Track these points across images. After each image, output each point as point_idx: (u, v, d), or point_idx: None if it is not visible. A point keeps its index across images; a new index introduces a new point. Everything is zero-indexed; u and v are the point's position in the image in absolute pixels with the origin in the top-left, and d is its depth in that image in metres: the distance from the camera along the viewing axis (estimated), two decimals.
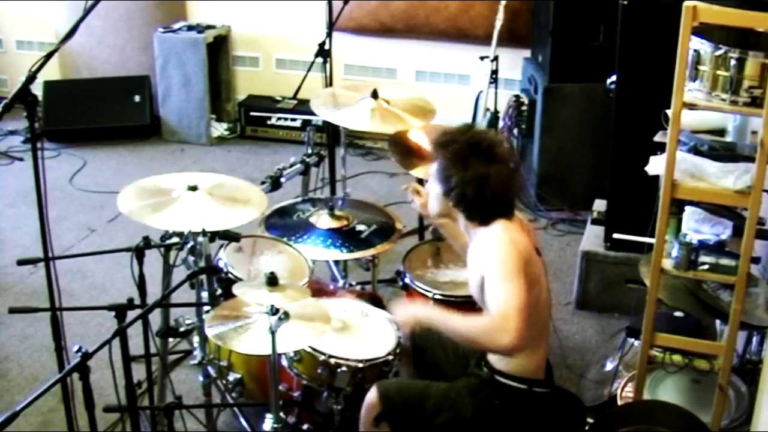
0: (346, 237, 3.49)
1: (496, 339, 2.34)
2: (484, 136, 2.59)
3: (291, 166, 3.75)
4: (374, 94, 3.63)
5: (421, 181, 3.76)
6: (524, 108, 5.24)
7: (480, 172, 2.50)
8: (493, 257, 2.47)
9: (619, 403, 3.17)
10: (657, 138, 2.97)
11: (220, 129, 6.34)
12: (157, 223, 2.77)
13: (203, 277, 2.92)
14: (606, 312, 4.10)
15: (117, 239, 4.69)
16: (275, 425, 2.66)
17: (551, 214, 5.06)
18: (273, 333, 2.45)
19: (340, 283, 3.74)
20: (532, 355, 2.61)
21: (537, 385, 2.63)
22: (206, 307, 2.95)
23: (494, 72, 4.98)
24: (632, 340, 3.26)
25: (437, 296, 3.23)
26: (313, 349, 2.79)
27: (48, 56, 2.36)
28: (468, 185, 2.51)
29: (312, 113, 3.72)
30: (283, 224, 3.56)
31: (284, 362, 2.88)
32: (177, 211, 2.80)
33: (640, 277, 2.99)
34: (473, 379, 2.67)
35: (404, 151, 3.70)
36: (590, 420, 3.04)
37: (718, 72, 2.55)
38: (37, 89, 4.23)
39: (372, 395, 2.67)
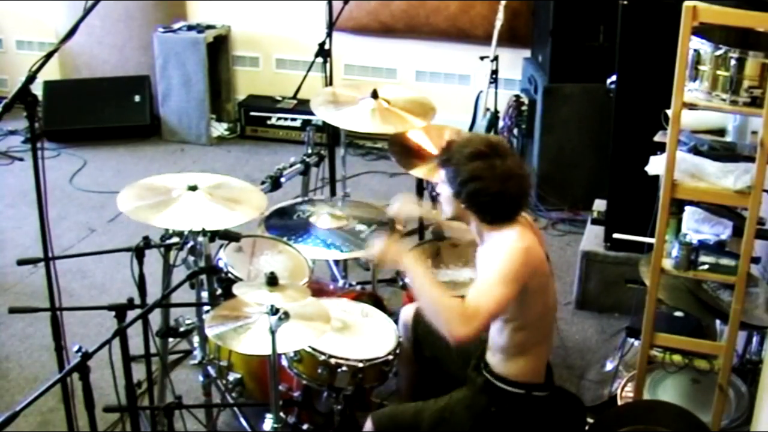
0: (346, 237, 3.49)
1: (454, 325, 2.34)
2: (488, 139, 2.61)
3: (291, 166, 3.75)
4: (374, 94, 3.63)
5: (421, 181, 3.77)
6: (524, 108, 5.24)
7: (485, 169, 2.50)
8: (499, 257, 2.47)
9: (619, 403, 3.17)
10: (657, 138, 2.97)
11: (220, 129, 6.34)
12: (158, 222, 2.77)
13: (203, 277, 2.92)
14: (606, 312, 4.10)
15: (117, 239, 4.69)
16: (275, 425, 2.66)
17: (551, 214, 5.06)
18: (273, 333, 2.45)
19: (340, 283, 3.74)
20: (534, 360, 2.61)
21: (536, 389, 2.62)
22: (206, 307, 2.95)
23: (494, 72, 4.98)
24: (632, 340, 3.26)
25: None
26: (313, 349, 2.79)
27: (48, 56, 2.36)
28: (475, 182, 2.50)
29: (312, 113, 3.72)
30: (283, 224, 3.56)
31: (284, 362, 2.88)
32: (177, 211, 2.80)
33: (640, 277, 2.98)
34: (466, 391, 2.66)
35: (404, 151, 3.70)
36: (590, 420, 3.04)
37: (718, 72, 2.55)
38: (37, 89, 4.22)
39: (367, 428, 2.67)
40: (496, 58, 4.97)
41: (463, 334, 2.33)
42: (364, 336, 2.96)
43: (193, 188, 2.88)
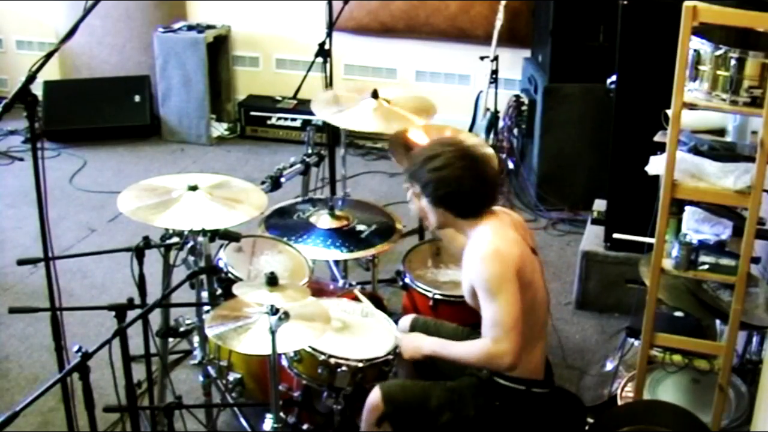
0: (346, 237, 3.49)
1: (495, 363, 2.53)
2: (445, 139, 2.69)
3: (291, 166, 3.75)
4: (374, 94, 3.63)
5: None
6: (524, 108, 5.24)
7: (442, 161, 2.59)
8: (479, 273, 2.53)
9: (619, 403, 3.17)
10: (657, 138, 2.96)
11: (220, 129, 6.34)
12: (158, 222, 2.78)
13: (203, 277, 2.92)
14: (606, 312, 4.10)
15: (117, 239, 4.69)
16: (275, 425, 2.66)
17: (551, 214, 5.06)
18: (273, 333, 2.45)
19: (340, 283, 3.74)
20: (529, 355, 2.61)
21: (536, 385, 2.64)
22: (206, 307, 2.95)
23: (494, 72, 4.98)
24: (632, 340, 3.26)
25: (437, 296, 3.23)
26: (313, 349, 2.79)
27: (48, 56, 2.36)
28: (434, 178, 2.59)
29: (312, 113, 3.72)
30: (283, 224, 3.56)
31: (284, 362, 2.88)
32: (177, 212, 2.81)
33: (640, 277, 2.98)
34: (474, 379, 2.68)
35: (404, 151, 3.70)
36: (590, 420, 3.04)
37: (718, 72, 2.55)
38: (37, 89, 4.22)
39: (375, 396, 2.67)
40: (496, 58, 4.96)
41: (508, 364, 2.50)
42: (364, 336, 2.96)
43: (193, 188, 2.88)
